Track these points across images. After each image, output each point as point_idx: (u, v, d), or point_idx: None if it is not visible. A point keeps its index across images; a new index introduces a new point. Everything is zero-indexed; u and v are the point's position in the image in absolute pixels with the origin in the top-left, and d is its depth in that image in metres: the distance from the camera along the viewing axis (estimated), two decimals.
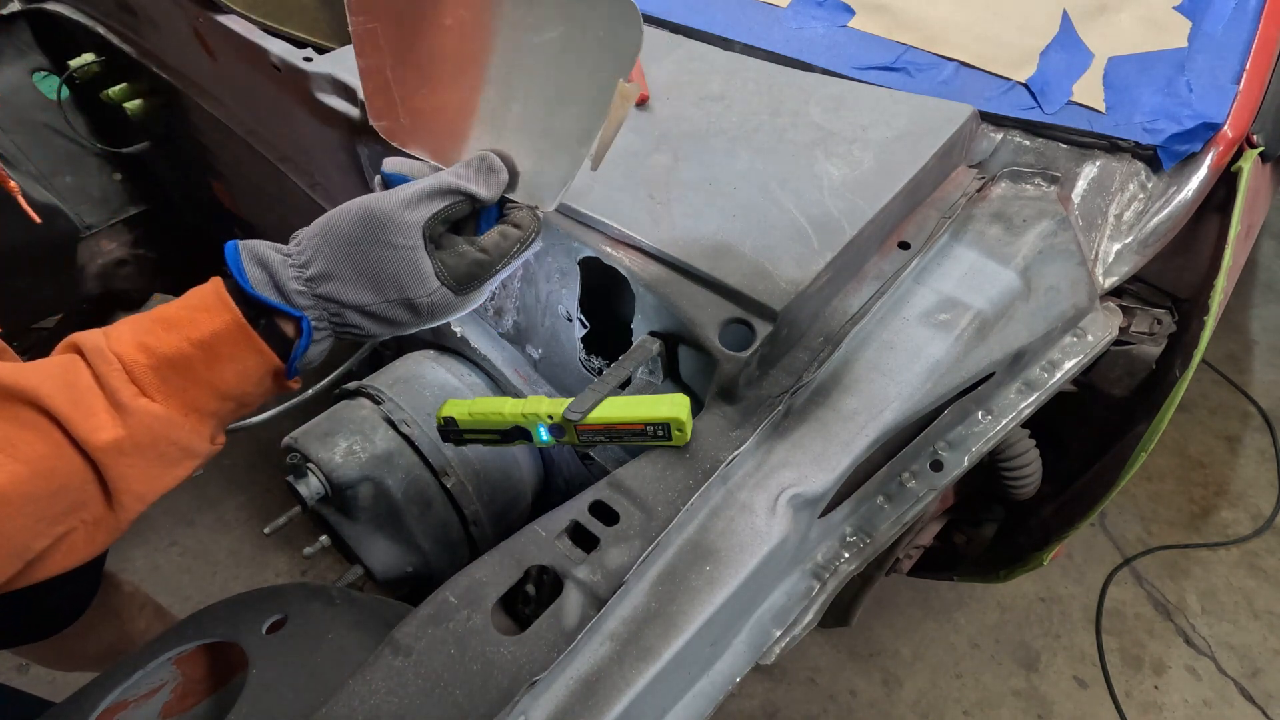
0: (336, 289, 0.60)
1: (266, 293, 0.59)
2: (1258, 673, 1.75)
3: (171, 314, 0.58)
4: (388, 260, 0.59)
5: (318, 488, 0.93)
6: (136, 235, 1.81)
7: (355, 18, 0.65)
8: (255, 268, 0.59)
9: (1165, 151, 0.86)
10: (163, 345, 0.56)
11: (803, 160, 0.85)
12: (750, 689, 1.72)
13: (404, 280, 0.60)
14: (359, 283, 0.60)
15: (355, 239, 0.59)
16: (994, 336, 0.79)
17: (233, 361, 0.59)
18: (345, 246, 0.60)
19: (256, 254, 0.60)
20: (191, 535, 1.97)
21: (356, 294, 0.60)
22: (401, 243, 0.59)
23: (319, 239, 0.60)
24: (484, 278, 0.63)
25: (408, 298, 0.61)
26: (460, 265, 0.62)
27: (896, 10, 1.03)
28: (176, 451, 0.58)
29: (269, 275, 0.59)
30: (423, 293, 0.61)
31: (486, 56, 0.63)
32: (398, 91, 0.68)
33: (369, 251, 0.59)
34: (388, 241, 0.59)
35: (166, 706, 0.77)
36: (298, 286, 0.59)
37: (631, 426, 0.68)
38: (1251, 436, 2.22)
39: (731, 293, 0.72)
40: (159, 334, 0.57)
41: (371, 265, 0.60)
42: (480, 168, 0.64)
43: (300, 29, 1.18)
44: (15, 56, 1.53)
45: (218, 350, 0.58)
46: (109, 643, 1.25)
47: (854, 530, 0.80)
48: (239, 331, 0.58)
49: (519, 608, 0.66)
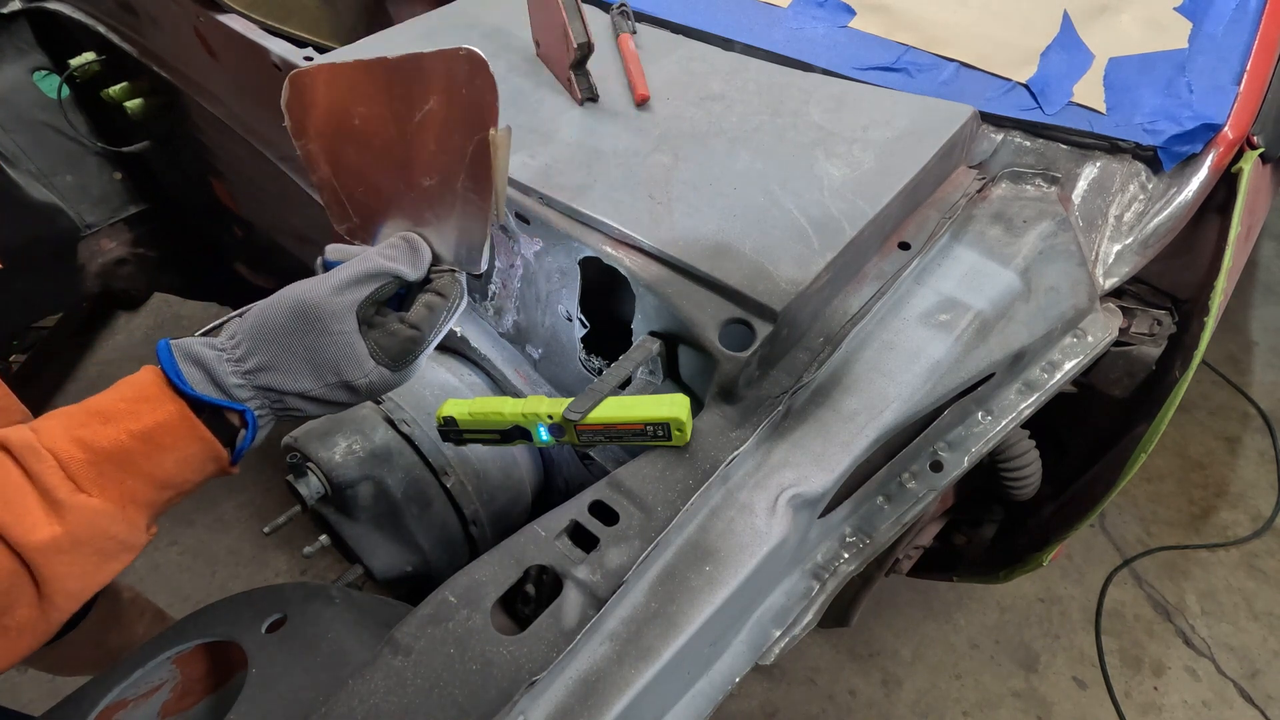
0: (276, 379, 0.61)
1: (206, 390, 0.59)
2: (1257, 674, 1.75)
3: (108, 406, 0.58)
4: (324, 347, 0.61)
5: (318, 487, 0.93)
6: (136, 234, 1.81)
7: (297, 141, 0.70)
8: (191, 367, 0.59)
9: (1166, 152, 0.86)
10: (101, 439, 0.56)
11: (803, 160, 0.84)
12: (750, 689, 1.72)
13: (341, 365, 0.62)
14: (298, 371, 0.61)
15: (291, 329, 0.61)
16: (994, 337, 0.79)
17: (174, 451, 0.59)
18: (281, 337, 0.61)
19: (190, 353, 0.60)
20: (191, 535, 1.97)
21: (296, 382, 0.61)
22: (337, 329, 0.61)
23: (254, 332, 0.61)
24: (418, 352, 0.66)
25: (346, 380, 0.62)
26: (394, 344, 0.64)
27: (897, 11, 1.03)
28: (114, 545, 0.57)
29: (206, 373, 0.60)
30: (360, 374, 0.62)
31: (390, 143, 0.67)
32: (344, 193, 0.72)
33: (305, 340, 0.61)
34: (323, 329, 0.61)
35: (166, 705, 0.77)
36: (237, 380, 0.60)
37: (631, 426, 0.68)
38: (1251, 437, 2.22)
39: (731, 293, 0.72)
40: (95, 427, 0.56)
41: (308, 353, 0.61)
42: (405, 249, 0.66)
43: (300, 29, 1.18)
44: (16, 55, 1.53)
45: (160, 441, 0.58)
46: (109, 648, 1.25)
47: (854, 531, 0.80)
48: (183, 423, 0.58)
49: (519, 608, 0.66)
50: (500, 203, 0.65)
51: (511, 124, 0.89)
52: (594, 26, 0.92)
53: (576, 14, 0.90)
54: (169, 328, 2.54)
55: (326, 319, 0.61)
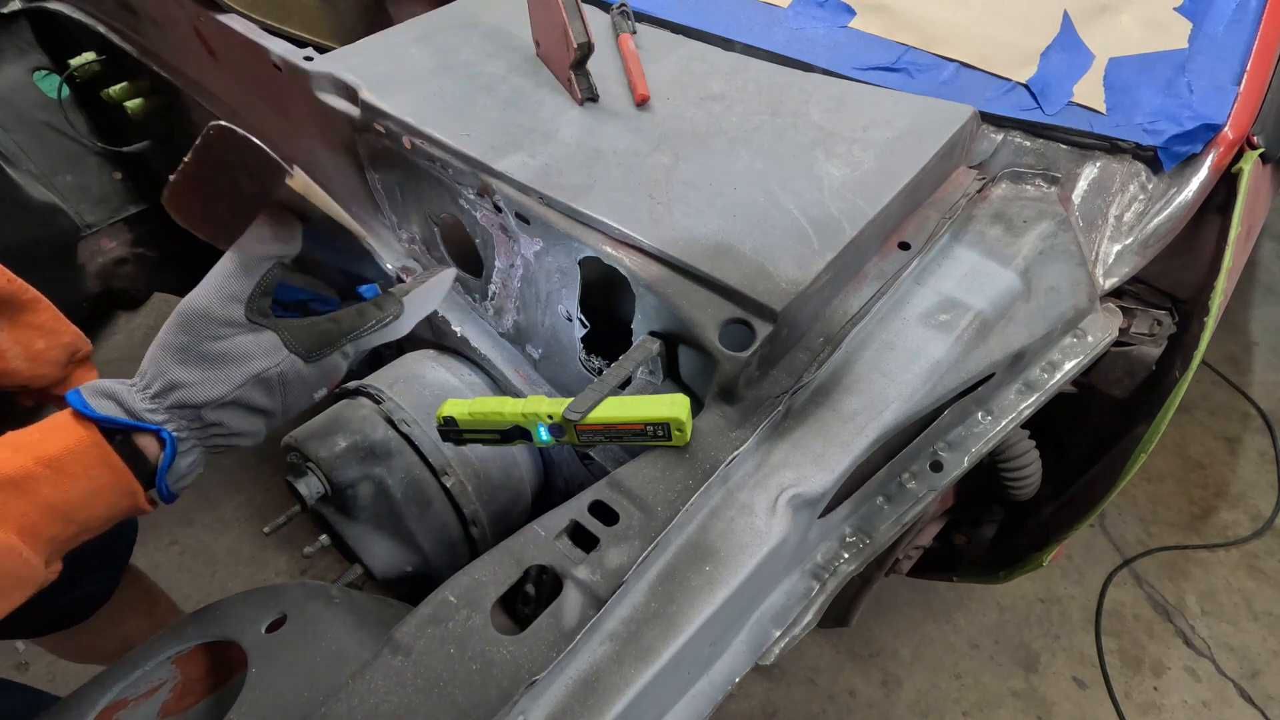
0: (185, 394, 0.59)
1: (117, 414, 0.58)
2: (1257, 674, 1.75)
3: (22, 435, 0.57)
4: (223, 349, 0.60)
5: (317, 487, 0.93)
6: (137, 234, 1.81)
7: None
8: (101, 399, 0.58)
9: (1166, 152, 0.86)
10: (6, 465, 0.54)
11: (803, 160, 0.84)
12: (750, 689, 1.72)
13: (248, 357, 0.60)
14: (204, 380, 0.60)
15: (183, 344, 0.60)
16: (994, 337, 0.79)
17: (83, 480, 0.56)
18: (178, 354, 0.60)
19: (100, 389, 0.59)
20: (191, 534, 1.97)
21: (206, 390, 0.60)
22: (227, 330, 0.60)
23: (152, 359, 0.60)
24: (334, 345, 0.64)
25: (255, 373, 0.60)
26: (309, 334, 0.63)
27: (897, 11, 1.03)
28: (8, 581, 0.54)
29: (116, 403, 0.58)
30: (270, 363, 0.61)
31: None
32: None
33: (201, 348, 0.59)
34: (213, 333, 0.59)
35: (165, 705, 0.77)
36: (147, 405, 0.59)
37: (631, 426, 0.68)
38: (1251, 438, 2.22)
39: (731, 293, 0.72)
40: (4, 454, 0.55)
41: (209, 358, 0.60)
42: (271, 221, 0.62)
43: (301, 28, 1.18)
44: (16, 55, 1.53)
45: (67, 468, 0.56)
46: (123, 636, 1.26)
47: (854, 531, 0.80)
48: (93, 447, 0.57)
49: (518, 607, 0.66)
50: (343, 217, 0.65)
51: (511, 124, 0.90)
52: (594, 26, 0.92)
53: (576, 14, 0.90)
54: None
55: (213, 321, 0.59)
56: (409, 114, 0.90)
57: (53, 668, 1.73)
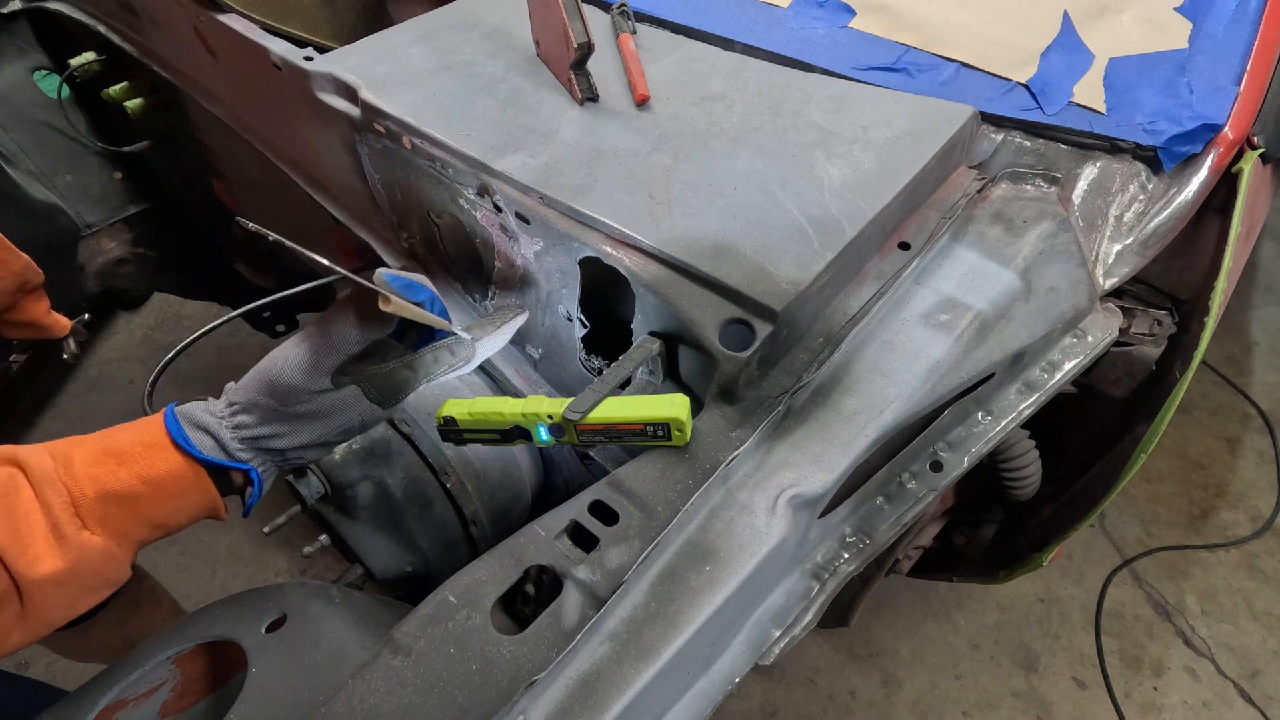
0: (275, 442, 0.65)
1: (215, 454, 0.64)
2: (1257, 674, 1.75)
3: (124, 448, 0.61)
4: (310, 413, 0.65)
5: (317, 487, 0.93)
6: (137, 234, 1.81)
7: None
8: (198, 433, 0.64)
9: (1166, 153, 0.86)
10: (113, 480, 0.58)
11: (803, 160, 0.84)
12: (749, 689, 1.72)
13: (334, 416, 0.66)
14: (294, 432, 0.66)
15: (272, 406, 0.65)
16: (994, 337, 0.79)
17: (179, 499, 0.62)
18: (267, 412, 0.65)
19: (195, 420, 0.64)
20: (191, 534, 1.97)
21: (293, 439, 0.66)
22: (315, 402, 0.65)
23: (246, 405, 0.65)
24: (408, 391, 0.68)
25: (339, 427, 0.67)
26: (388, 384, 0.67)
27: (897, 11, 1.03)
28: (101, 582, 0.60)
29: (211, 438, 0.64)
30: (352, 416, 0.66)
31: None
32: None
33: (290, 409, 0.65)
34: (302, 400, 0.64)
35: (165, 705, 0.77)
36: (238, 445, 0.64)
37: (631, 426, 0.68)
38: (1251, 438, 2.22)
39: (731, 293, 0.72)
40: (110, 466, 0.59)
41: (297, 419, 0.65)
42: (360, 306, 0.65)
43: (301, 28, 1.18)
44: (16, 55, 1.53)
45: (168, 490, 0.61)
46: (127, 635, 1.26)
47: (854, 531, 0.80)
48: (194, 476, 0.62)
49: (518, 607, 0.66)
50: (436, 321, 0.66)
51: (512, 124, 0.90)
52: (594, 26, 0.92)
53: (576, 14, 0.90)
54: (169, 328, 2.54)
55: (301, 393, 0.64)
56: (409, 114, 0.90)
57: (52, 668, 1.73)
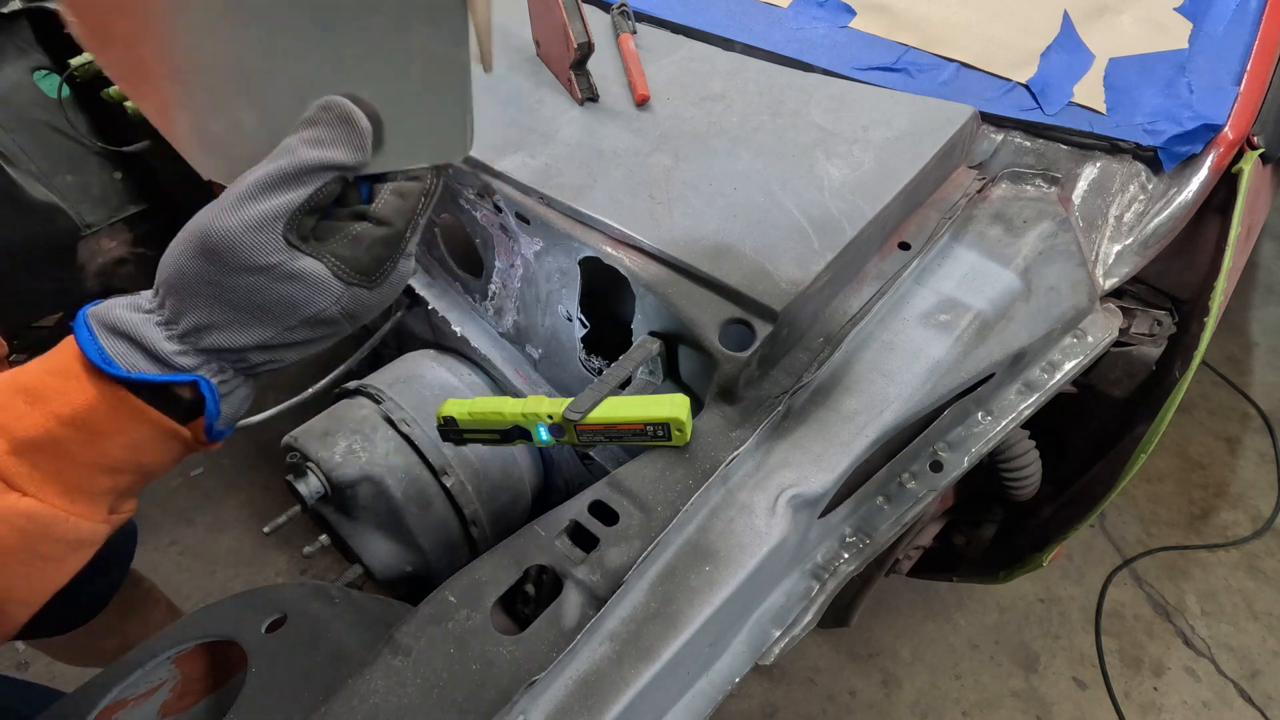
0: (221, 338, 0.47)
1: (139, 366, 0.46)
2: (1257, 674, 1.75)
3: (34, 381, 0.46)
4: (259, 288, 0.46)
5: (317, 487, 0.93)
6: (137, 234, 1.81)
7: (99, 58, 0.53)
8: (113, 340, 0.47)
9: (1166, 153, 0.86)
10: (25, 426, 0.45)
11: (803, 161, 0.84)
12: (749, 689, 1.72)
13: (295, 300, 0.47)
14: (244, 322, 0.47)
15: (208, 276, 0.46)
16: (994, 337, 0.79)
17: (117, 436, 0.48)
18: (203, 286, 0.46)
19: (108, 322, 0.47)
20: (190, 534, 1.97)
21: (246, 334, 0.48)
22: (264, 262, 0.45)
23: (176, 280, 0.47)
24: (396, 256, 0.50)
25: (309, 316, 0.48)
26: (360, 253, 0.48)
27: (897, 11, 1.03)
28: (61, 548, 0.48)
29: (134, 344, 0.47)
30: (327, 302, 0.48)
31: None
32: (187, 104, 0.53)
33: (231, 283, 0.46)
34: (244, 267, 0.45)
35: (165, 705, 0.77)
36: (174, 347, 0.47)
37: (631, 426, 0.68)
38: (1251, 438, 2.22)
39: (731, 293, 0.72)
40: (20, 409, 0.46)
41: (243, 298, 0.46)
42: (333, 122, 0.46)
43: None
44: (16, 55, 1.53)
45: (96, 427, 0.47)
46: (123, 638, 1.25)
47: (854, 531, 0.80)
48: (119, 403, 0.47)
49: (518, 607, 0.66)
50: (488, 45, 0.47)
51: (512, 124, 0.90)
52: (594, 26, 0.92)
53: (576, 14, 0.90)
54: None
55: (245, 254, 0.45)
56: None
57: (51, 668, 1.73)
